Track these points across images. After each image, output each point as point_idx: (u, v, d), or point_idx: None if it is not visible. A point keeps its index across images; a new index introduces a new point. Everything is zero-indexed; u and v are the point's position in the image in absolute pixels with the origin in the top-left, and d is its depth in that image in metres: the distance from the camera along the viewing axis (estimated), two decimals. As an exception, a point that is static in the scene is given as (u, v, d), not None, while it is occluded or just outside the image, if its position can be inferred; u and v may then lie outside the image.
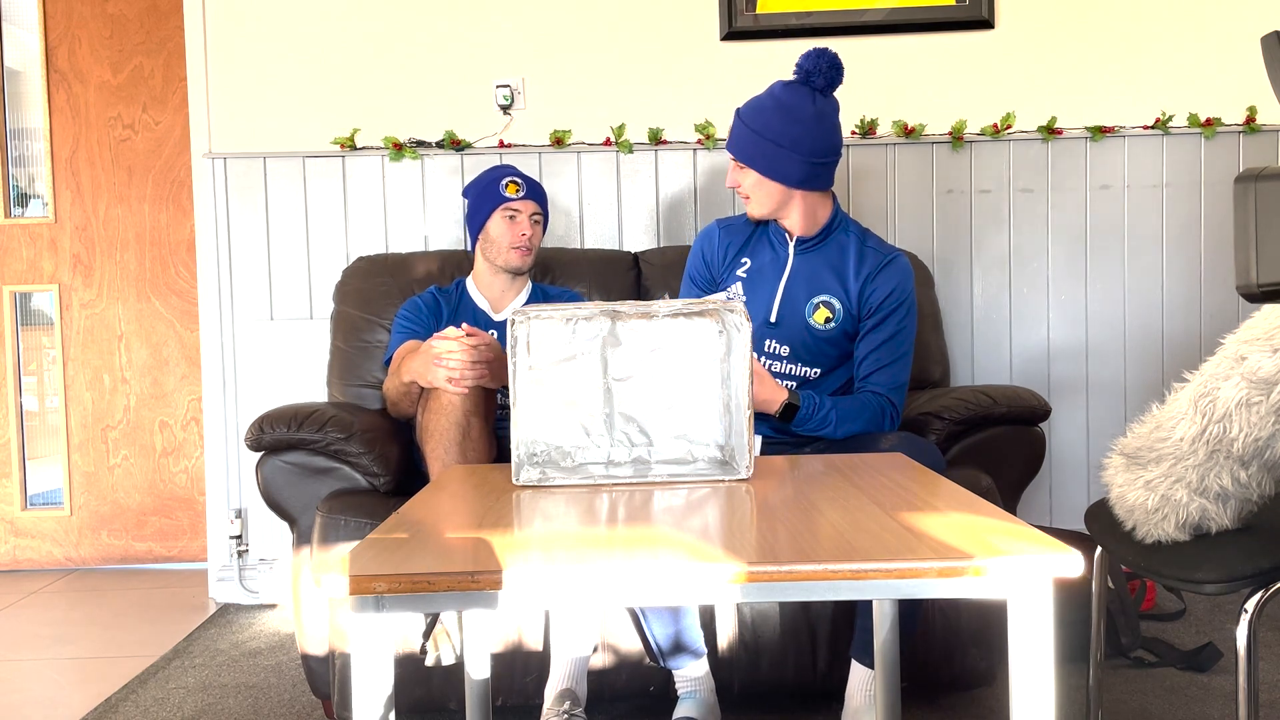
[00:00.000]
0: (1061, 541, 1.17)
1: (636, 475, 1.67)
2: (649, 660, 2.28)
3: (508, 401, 2.26)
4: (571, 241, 3.35)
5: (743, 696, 2.38)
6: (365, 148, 3.35)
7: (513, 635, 2.30)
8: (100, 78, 3.75)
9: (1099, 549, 1.93)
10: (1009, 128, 3.30)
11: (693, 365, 1.67)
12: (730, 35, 3.31)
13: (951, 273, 3.35)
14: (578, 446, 1.67)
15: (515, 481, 1.66)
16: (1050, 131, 3.30)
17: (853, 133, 3.32)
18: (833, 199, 2.40)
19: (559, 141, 3.31)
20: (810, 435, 2.28)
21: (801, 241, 2.38)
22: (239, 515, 3.39)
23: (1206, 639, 2.73)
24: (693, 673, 2.25)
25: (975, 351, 3.37)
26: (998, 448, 2.50)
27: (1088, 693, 2.06)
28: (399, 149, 3.32)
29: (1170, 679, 2.53)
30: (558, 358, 1.67)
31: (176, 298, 3.80)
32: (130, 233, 3.79)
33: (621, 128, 3.31)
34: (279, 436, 2.39)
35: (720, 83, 3.32)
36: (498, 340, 2.43)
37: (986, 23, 3.30)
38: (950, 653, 2.33)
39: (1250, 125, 3.29)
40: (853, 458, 1.86)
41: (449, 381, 2.28)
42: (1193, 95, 3.32)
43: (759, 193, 2.35)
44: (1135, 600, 2.81)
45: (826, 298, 2.34)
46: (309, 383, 3.33)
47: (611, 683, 2.32)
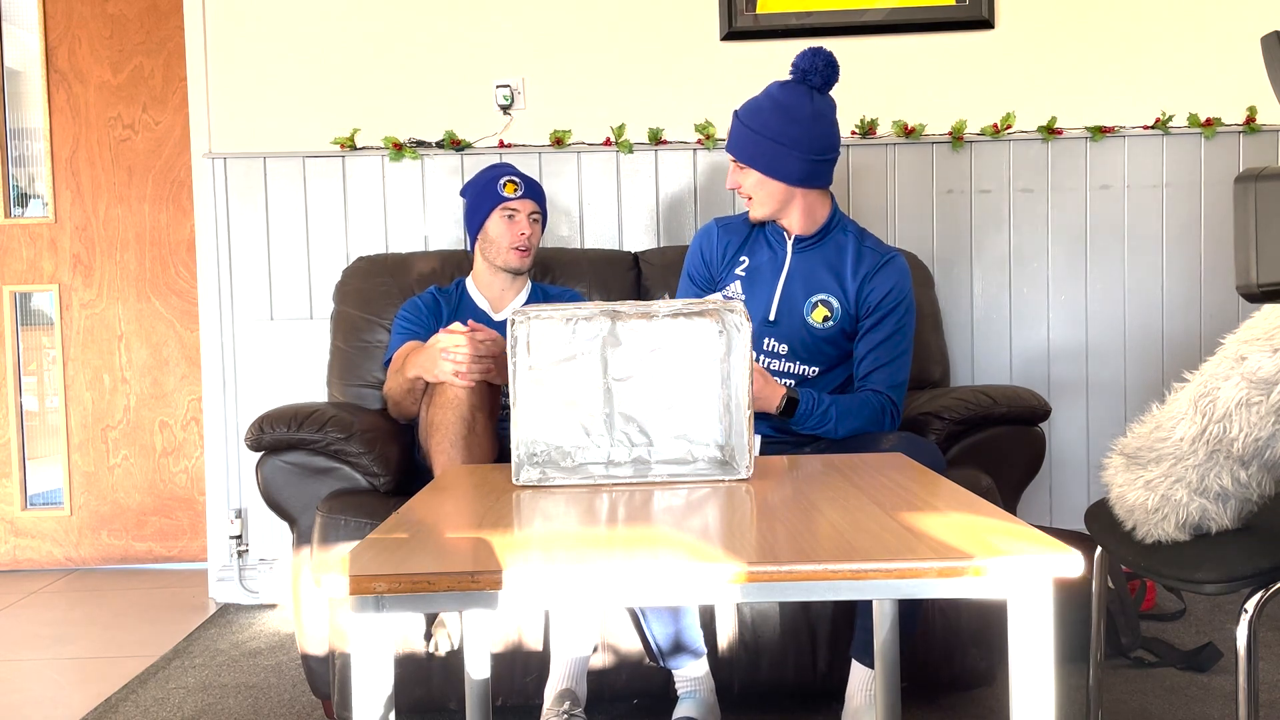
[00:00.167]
0: (1061, 541, 1.17)
1: (636, 475, 1.67)
2: (649, 660, 2.28)
3: (508, 402, 2.26)
4: (571, 241, 3.35)
5: (743, 696, 2.38)
6: (365, 148, 3.35)
7: (513, 635, 2.30)
8: (100, 78, 3.75)
9: (1099, 549, 1.93)
10: (1009, 128, 3.30)
11: (693, 365, 1.67)
12: (730, 35, 3.31)
13: (951, 273, 3.35)
14: (578, 446, 1.67)
15: (515, 481, 1.66)
16: (1050, 131, 3.30)
17: (852, 132, 3.32)
18: (831, 198, 2.40)
19: (559, 141, 3.31)
20: (810, 435, 2.28)
21: (800, 240, 2.38)
22: (239, 515, 3.39)
23: (1206, 639, 2.73)
24: (692, 673, 2.25)
25: (975, 351, 3.37)
26: (998, 448, 2.50)
27: (1088, 693, 2.06)
28: (399, 149, 3.32)
29: (1170, 679, 2.53)
30: (558, 358, 1.67)
31: (176, 298, 3.80)
32: (130, 233, 3.79)
33: (621, 128, 3.31)
34: (279, 436, 2.39)
35: (720, 83, 3.32)
36: (502, 337, 2.44)
37: (986, 23, 3.30)
38: (950, 653, 2.33)
39: (1250, 125, 3.29)
40: (853, 458, 1.85)
41: (455, 375, 2.28)
42: (1193, 95, 3.32)
43: (760, 192, 2.35)
44: (1135, 600, 2.81)
45: (825, 296, 2.35)
46: (309, 383, 3.33)
47: (611, 683, 2.32)
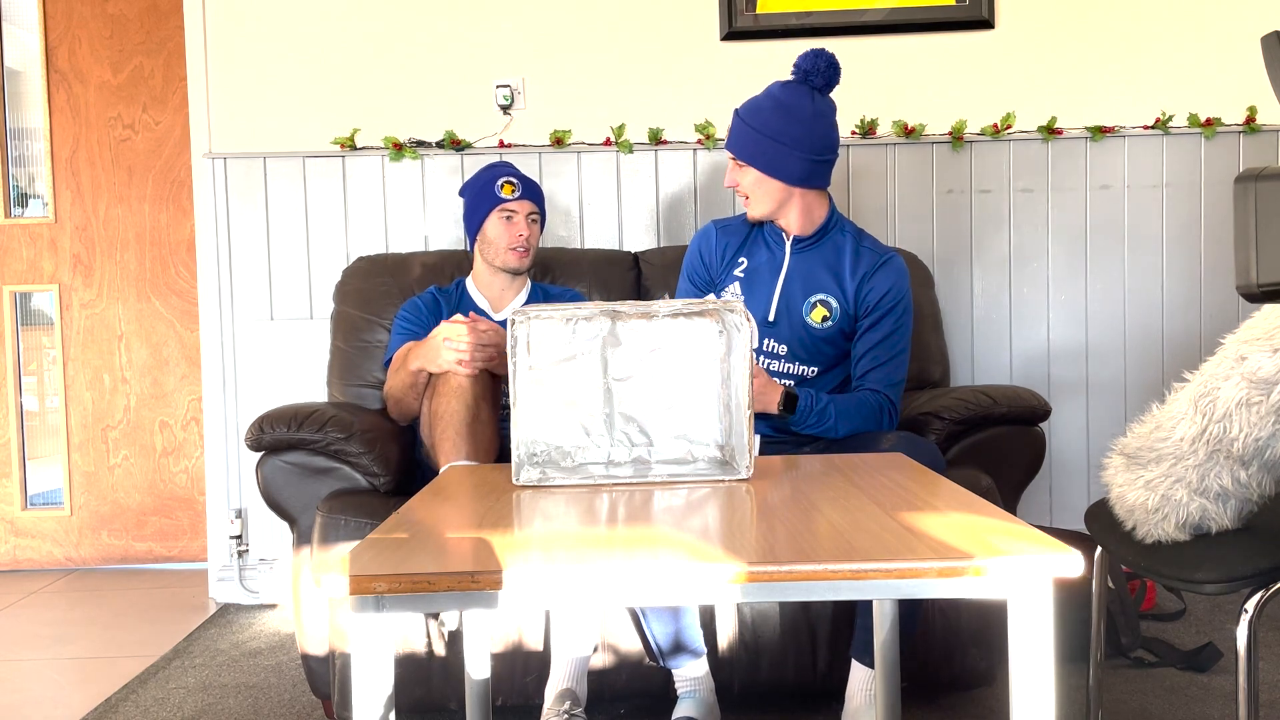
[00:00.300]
0: (1061, 541, 1.17)
1: (636, 475, 1.67)
2: (649, 660, 2.28)
3: (508, 401, 2.26)
4: (571, 241, 3.35)
5: (743, 696, 2.38)
6: (365, 148, 3.35)
7: (513, 635, 2.30)
8: (100, 78, 3.75)
9: (1099, 549, 1.93)
10: (1009, 128, 3.30)
11: (693, 365, 1.67)
12: (730, 35, 3.31)
13: (951, 273, 3.35)
14: (578, 446, 1.67)
15: (515, 481, 1.66)
16: (1050, 131, 3.30)
17: (853, 133, 3.32)
18: (829, 199, 2.40)
19: (559, 141, 3.31)
20: (809, 434, 2.28)
21: (798, 241, 2.38)
22: (239, 515, 3.38)
23: (1206, 639, 2.73)
24: (692, 672, 2.25)
25: (975, 351, 3.37)
26: (998, 448, 2.50)
27: (1088, 693, 2.06)
28: (399, 149, 3.32)
29: (1170, 679, 2.53)
30: (558, 358, 1.67)
31: (176, 298, 3.80)
32: (130, 233, 3.79)
33: (621, 128, 3.31)
34: (279, 436, 2.39)
35: (720, 83, 3.32)
36: (503, 328, 2.45)
37: (986, 23, 3.30)
38: (950, 653, 2.32)
39: (1250, 125, 3.29)
40: (852, 457, 1.85)
41: (458, 364, 2.30)
42: (1193, 95, 3.32)
43: (758, 191, 2.35)
44: (1135, 600, 2.81)
45: (823, 296, 2.35)
46: (309, 383, 3.33)
47: (611, 683, 2.32)
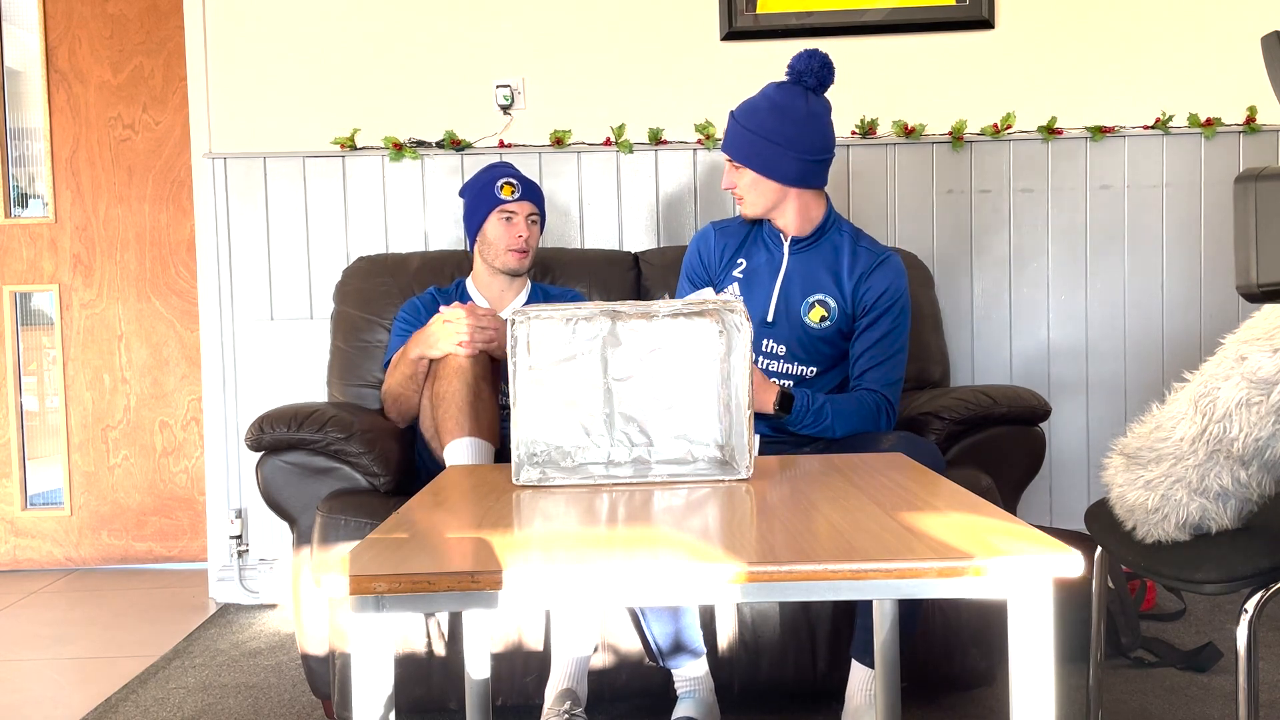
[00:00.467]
0: (1061, 541, 1.17)
1: (636, 475, 1.67)
2: (649, 660, 2.28)
3: (508, 402, 2.26)
4: (571, 241, 3.35)
5: (743, 696, 2.38)
6: (365, 148, 3.35)
7: (513, 635, 2.30)
8: (100, 78, 3.75)
9: (1099, 549, 1.93)
10: (1009, 128, 3.30)
11: (693, 365, 1.67)
12: (730, 35, 3.31)
13: (951, 273, 3.35)
14: (578, 446, 1.67)
15: (515, 481, 1.66)
16: (1050, 131, 3.30)
17: (852, 133, 3.32)
18: (826, 199, 2.40)
19: (559, 141, 3.31)
20: (808, 435, 2.28)
21: (796, 241, 2.38)
22: (239, 515, 3.38)
23: (1206, 639, 2.73)
24: (692, 672, 2.25)
25: (975, 351, 3.37)
26: (998, 448, 2.50)
27: (1088, 693, 2.06)
28: (399, 149, 3.32)
29: (1170, 679, 2.53)
30: (558, 358, 1.67)
31: (176, 298, 3.80)
32: (130, 233, 3.79)
33: (621, 128, 3.31)
34: (279, 436, 2.39)
35: (720, 83, 3.32)
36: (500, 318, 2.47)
37: (986, 23, 3.30)
38: (950, 653, 2.32)
39: (1250, 125, 3.29)
40: (852, 457, 1.85)
41: (459, 345, 2.35)
42: (1193, 95, 3.32)
43: (754, 192, 2.35)
44: (1135, 600, 2.81)
45: (822, 296, 2.35)
46: (309, 383, 3.33)
47: (612, 683, 2.32)
